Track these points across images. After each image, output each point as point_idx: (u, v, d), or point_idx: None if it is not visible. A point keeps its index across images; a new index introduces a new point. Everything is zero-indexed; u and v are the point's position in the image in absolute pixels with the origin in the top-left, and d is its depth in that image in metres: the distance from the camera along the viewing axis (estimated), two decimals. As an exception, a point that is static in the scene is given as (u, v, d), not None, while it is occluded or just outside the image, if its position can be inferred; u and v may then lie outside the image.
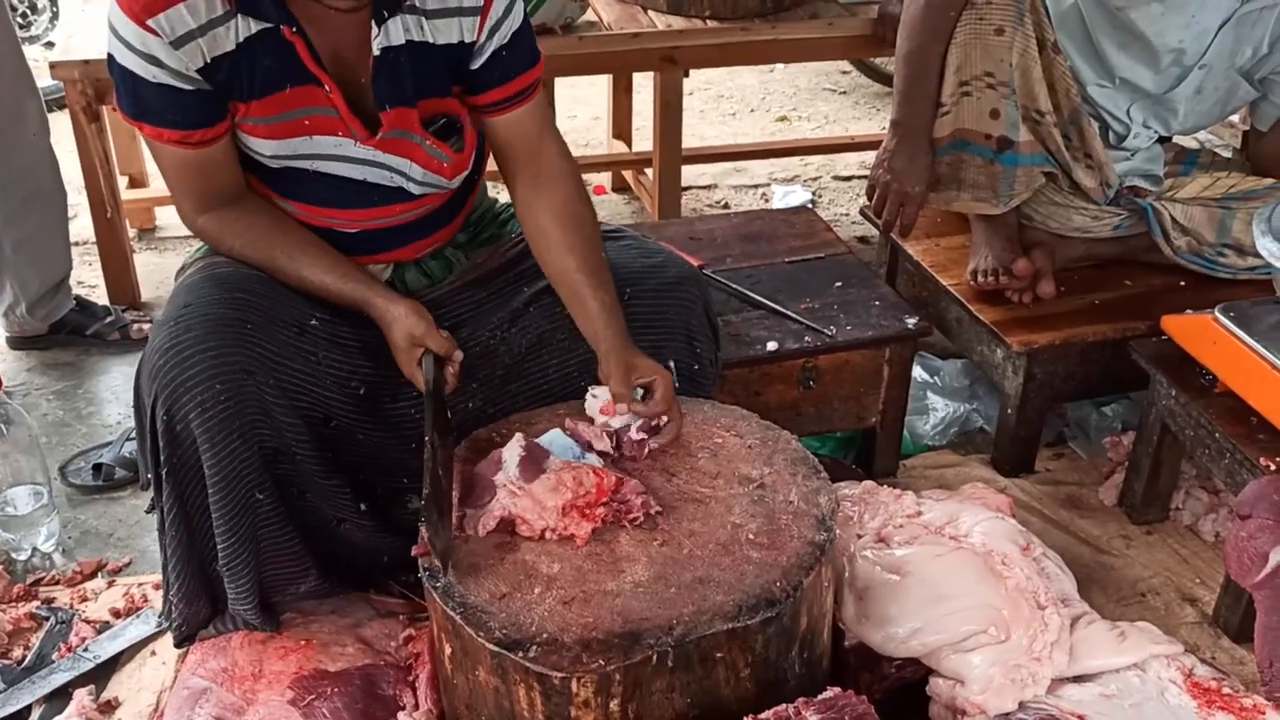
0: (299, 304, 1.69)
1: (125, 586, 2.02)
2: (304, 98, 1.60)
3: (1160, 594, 2.06)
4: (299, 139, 1.63)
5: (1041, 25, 2.13)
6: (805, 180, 3.85)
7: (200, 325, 1.57)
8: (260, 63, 1.57)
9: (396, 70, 1.63)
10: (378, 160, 1.68)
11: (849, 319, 2.18)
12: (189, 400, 1.55)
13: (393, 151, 1.67)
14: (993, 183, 2.23)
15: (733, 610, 1.43)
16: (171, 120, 1.57)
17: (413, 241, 1.82)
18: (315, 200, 1.72)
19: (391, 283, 1.82)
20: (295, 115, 1.61)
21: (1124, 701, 1.52)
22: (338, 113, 1.62)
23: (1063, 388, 2.31)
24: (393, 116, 1.65)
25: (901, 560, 1.70)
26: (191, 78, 1.54)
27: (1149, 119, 2.33)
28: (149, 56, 1.52)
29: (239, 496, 1.60)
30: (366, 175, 1.69)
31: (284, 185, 1.70)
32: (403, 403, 1.77)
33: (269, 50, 1.56)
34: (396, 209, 1.76)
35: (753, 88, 4.80)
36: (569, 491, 1.53)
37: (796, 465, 1.68)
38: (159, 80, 1.54)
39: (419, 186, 1.73)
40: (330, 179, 1.68)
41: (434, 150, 1.70)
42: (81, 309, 2.76)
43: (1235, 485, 1.92)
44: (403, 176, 1.71)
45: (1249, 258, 2.32)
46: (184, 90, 1.55)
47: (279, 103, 1.60)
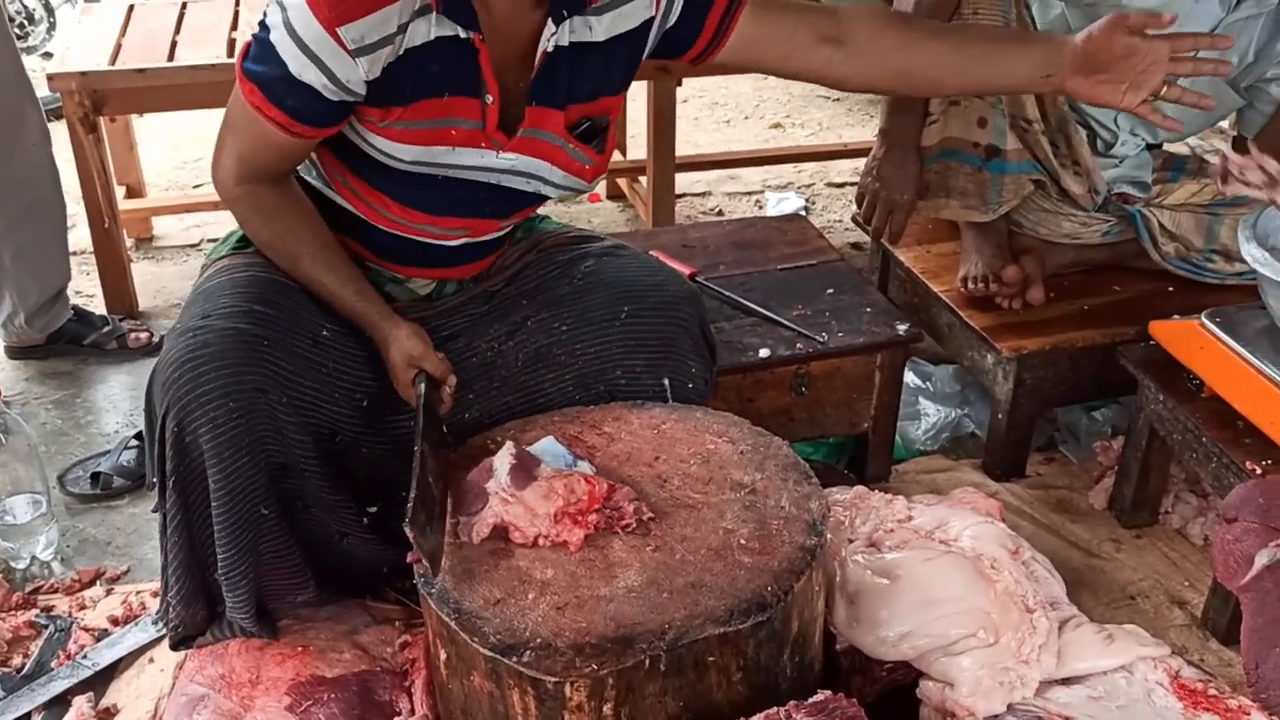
0: (313, 313, 1.69)
1: (123, 594, 2.03)
2: (456, 108, 1.58)
3: (1150, 597, 2.09)
4: (442, 148, 1.60)
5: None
6: (799, 187, 3.87)
7: (217, 340, 1.57)
8: (428, 68, 1.54)
9: (556, 72, 1.61)
10: (517, 169, 1.66)
11: (841, 325, 2.20)
12: (200, 416, 1.55)
13: (531, 153, 1.65)
14: (981, 190, 2.25)
15: (724, 615, 1.45)
16: (290, 107, 1.53)
17: (477, 260, 1.83)
18: (423, 205, 1.68)
19: (431, 296, 1.84)
20: (444, 124, 1.58)
21: (1111, 703, 1.53)
22: (483, 126, 1.60)
23: (1052, 393, 2.33)
24: (536, 114, 1.63)
25: (892, 564, 1.72)
26: (347, 89, 1.52)
27: (1136, 127, 2.35)
28: (315, 58, 1.49)
29: (243, 511, 1.61)
30: (502, 181, 1.68)
31: (392, 185, 1.66)
32: (403, 415, 1.78)
33: (442, 56, 1.54)
34: (498, 224, 1.76)
35: (747, 95, 4.83)
36: (560, 499, 1.55)
37: (788, 471, 1.70)
38: (303, 79, 1.50)
39: (556, 190, 1.72)
40: (457, 185, 1.66)
41: (576, 153, 1.69)
42: (79, 319, 2.77)
43: (1222, 489, 1.94)
44: (541, 181, 1.70)
45: (1236, 263, 2.34)
46: (323, 97, 1.52)
47: (431, 109, 1.57)
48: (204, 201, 3.22)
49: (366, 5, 1.48)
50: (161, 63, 2.67)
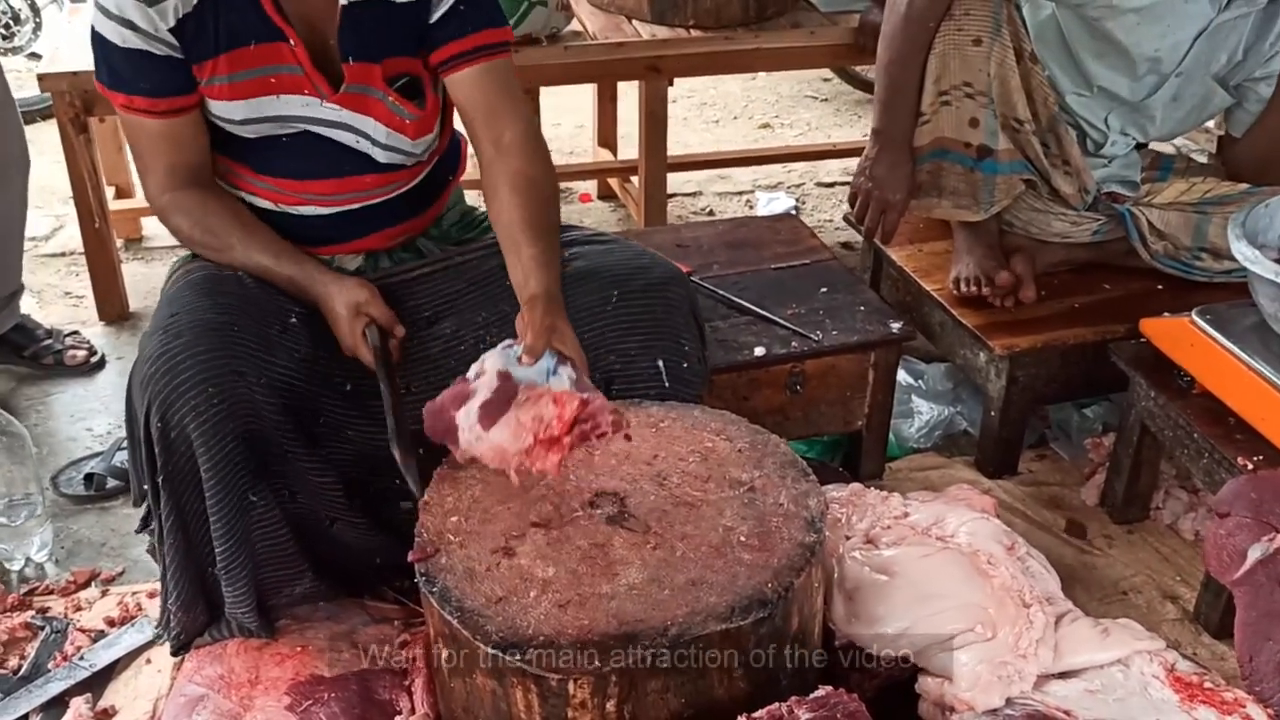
0: (277, 301, 1.72)
1: (119, 595, 2.03)
2: (269, 55, 1.66)
3: (1142, 592, 2.10)
4: (266, 98, 1.68)
5: (1019, 35, 2.17)
6: (789, 187, 3.88)
7: (189, 331, 1.60)
8: (224, 18, 1.63)
9: (361, 25, 1.69)
10: (343, 121, 1.72)
11: (835, 324, 2.21)
12: (182, 405, 1.57)
13: (355, 108, 1.72)
14: (973, 190, 2.27)
15: (726, 611, 1.46)
16: (143, 88, 1.64)
17: (384, 228, 1.85)
18: (288, 172, 1.76)
19: (362, 271, 1.86)
20: (260, 72, 1.66)
21: (1108, 696, 1.55)
22: (302, 70, 1.67)
23: (1044, 390, 2.34)
24: (356, 70, 1.70)
25: (889, 561, 1.73)
26: (163, 40, 1.60)
27: (1126, 126, 2.37)
28: (123, 20, 1.59)
29: (235, 498, 1.63)
30: (335, 136, 1.73)
31: (258, 159, 1.74)
32: None
33: (233, 5, 1.62)
34: (368, 180, 1.79)
35: (735, 95, 4.84)
36: (529, 434, 1.54)
37: (786, 469, 1.71)
38: (130, 45, 1.60)
39: (383, 152, 1.77)
40: (300, 143, 1.73)
41: (396, 106, 1.74)
42: (20, 329, 2.69)
43: (1213, 484, 1.96)
44: (367, 140, 1.75)
45: (1225, 261, 2.36)
46: (155, 56, 1.61)
47: (243, 58, 1.65)
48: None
49: None
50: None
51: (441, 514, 1.63)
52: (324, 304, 1.73)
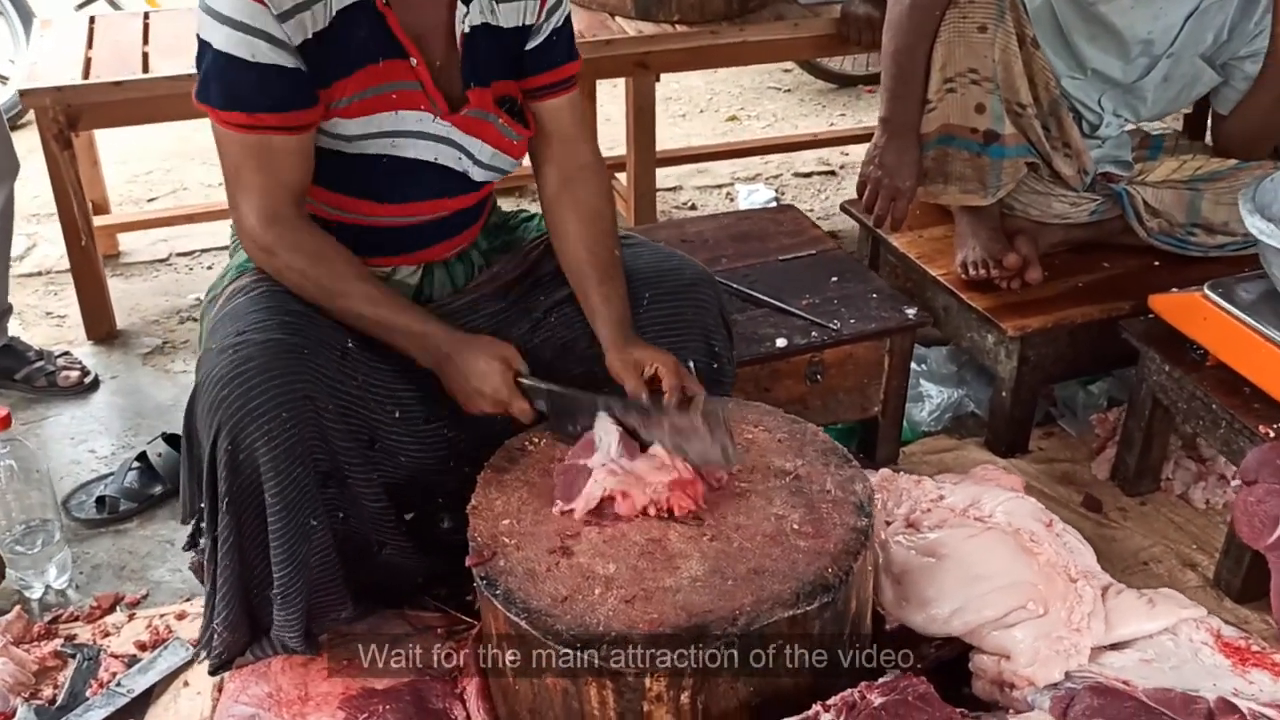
0: (334, 326, 1.69)
1: (146, 619, 1.99)
2: (393, 71, 1.64)
3: (1162, 561, 2.15)
4: (385, 114, 1.65)
5: (1020, 22, 2.21)
6: (767, 178, 3.91)
7: (260, 353, 1.56)
8: (355, 36, 1.60)
9: (476, 51, 1.70)
10: (453, 138, 1.71)
11: (850, 313, 2.23)
12: (255, 430, 1.54)
13: (468, 130, 1.72)
14: (980, 175, 2.30)
15: (791, 598, 1.47)
16: (269, 104, 1.55)
17: (446, 239, 1.84)
18: (378, 194, 1.72)
19: (420, 285, 1.85)
20: (384, 89, 1.64)
21: (1163, 665, 1.58)
22: (422, 86, 1.66)
23: (1053, 369, 2.39)
24: (476, 95, 1.71)
25: (935, 543, 1.75)
26: (295, 52, 1.55)
27: (1119, 108, 2.42)
28: (256, 30, 1.52)
29: (298, 524, 1.60)
30: (438, 155, 1.72)
31: (349, 179, 1.69)
32: (436, 423, 1.78)
33: (361, 23, 1.60)
34: (454, 202, 1.79)
35: (699, 89, 4.85)
36: (674, 471, 1.59)
37: (828, 456, 1.73)
38: (261, 60, 1.53)
39: (482, 171, 1.77)
40: (400, 163, 1.69)
41: (505, 129, 1.76)
42: (9, 351, 2.63)
43: (1232, 453, 2.01)
44: (469, 159, 1.75)
45: (1218, 235, 2.42)
46: (286, 70, 1.55)
47: (371, 76, 1.62)
48: (177, 215, 3.16)
49: None
50: (137, 74, 2.61)
51: (492, 518, 1.63)
52: (460, 359, 1.66)
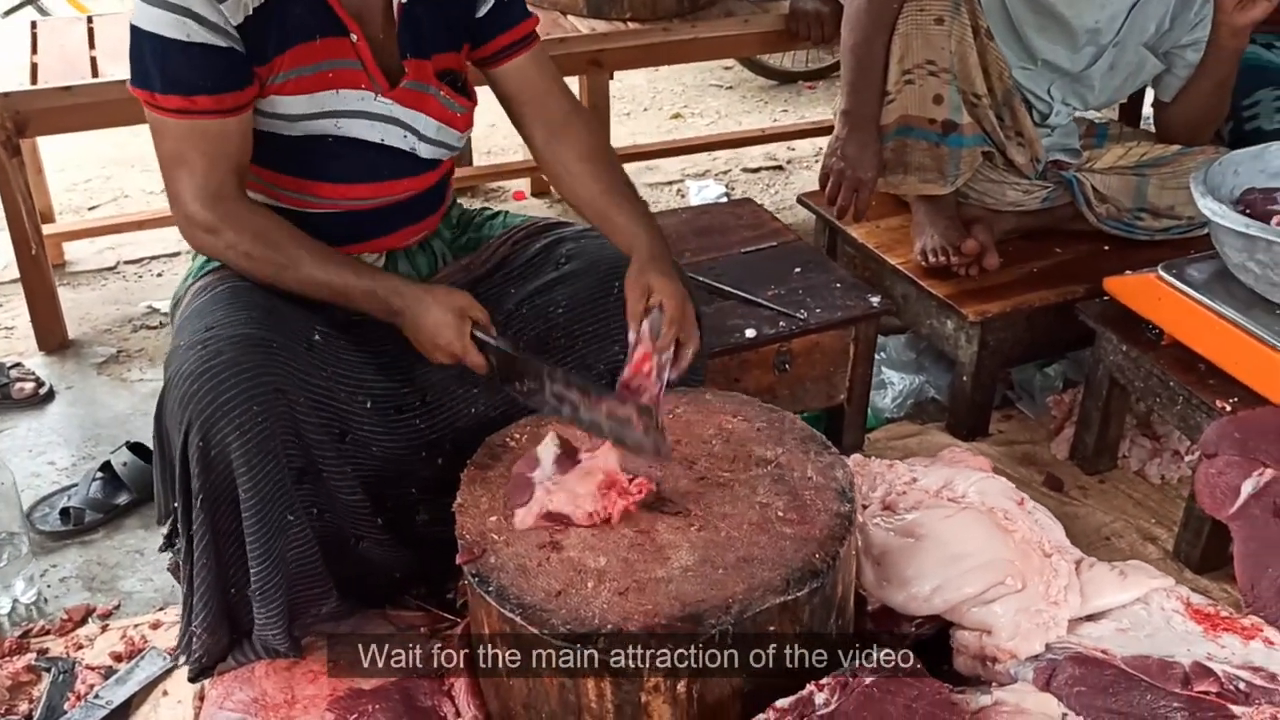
0: (301, 318, 1.68)
1: (120, 630, 1.96)
2: (331, 49, 1.64)
3: (1123, 536, 2.21)
4: (325, 93, 1.65)
5: (975, 14, 2.26)
6: (716, 174, 3.94)
7: (230, 347, 1.55)
8: (291, 12, 1.60)
9: (414, 23, 1.70)
10: (395, 116, 1.71)
11: (815, 302, 2.27)
12: (227, 424, 1.53)
13: (410, 104, 1.72)
14: (939, 164, 2.35)
15: (781, 584, 1.50)
16: (205, 85, 1.55)
17: (405, 226, 1.84)
18: (327, 175, 1.71)
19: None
20: (322, 67, 1.64)
21: (1138, 633, 1.63)
22: (361, 65, 1.66)
23: (1011, 352, 2.44)
24: (413, 67, 1.71)
25: (913, 524, 1.79)
26: (228, 33, 1.54)
27: (1068, 96, 2.48)
28: (186, 11, 1.52)
29: (274, 519, 1.59)
30: (384, 136, 1.72)
31: (296, 162, 1.69)
32: (408, 414, 1.78)
33: (299, 1, 1.60)
34: (404, 184, 1.78)
35: (642, 87, 4.87)
36: (600, 475, 1.60)
37: (807, 443, 1.76)
38: (194, 40, 1.53)
39: (430, 148, 1.77)
40: (346, 145, 1.69)
41: (447, 101, 1.76)
42: None
43: (1189, 428, 2.08)
44: (415, 136, 1.74)
45: (1163, 219, 2.50)
46: (219, 49, 1.55)
47: (308, 53, 1.62)
48: (125, 223, 3.11)
49: None
50: (87, 79, 2.56)
51: (479, 515, 1.63)
52: (415, 311, 1.65)
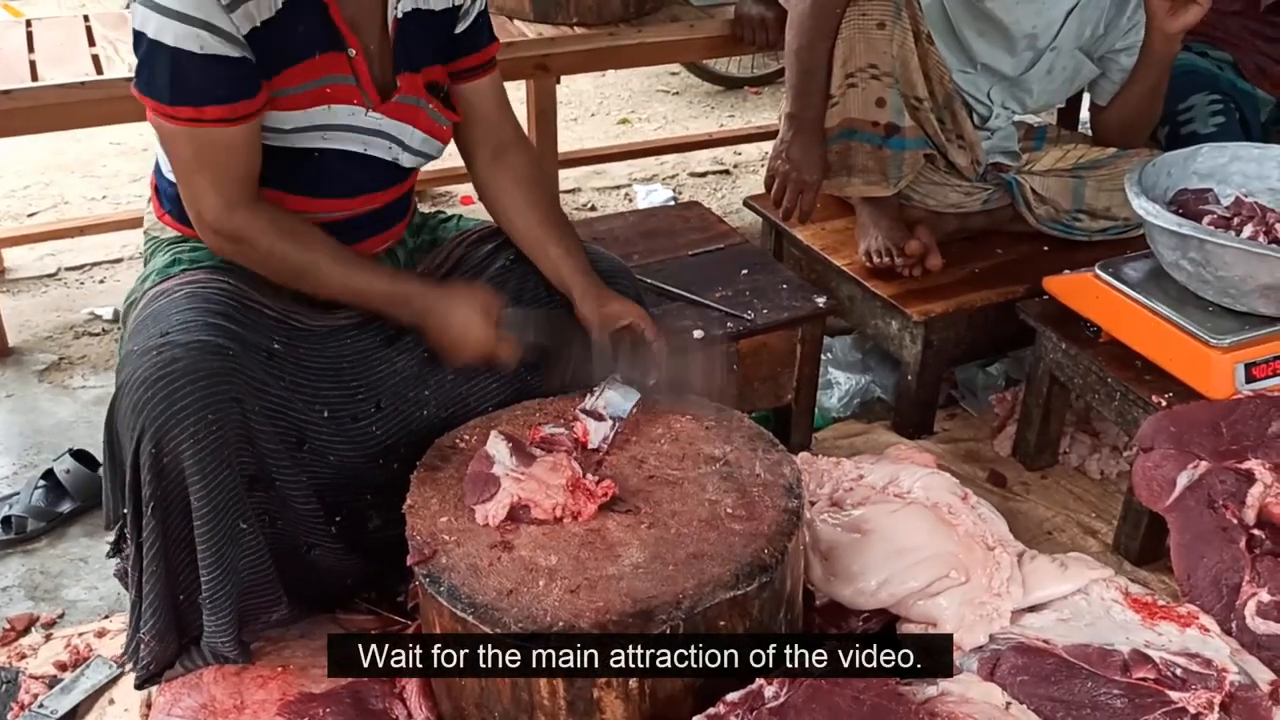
0: (261, 328, 1.68)
1: (65, 638, 1.93)
2: (329, 65, 1.64)
3: (1064, 530, 2.26)
4: (319, 108, 1.65)
5: (916, 19, 2.29)
6: (664, 178, 3.97)
7: (185, 353, 1.54)
8: (296, 28, 1.59)
9: (408, 37, 1.72)
10: (382, 129, 1.72)
11: (763, 303, 2.29)
12: (180, 432, 1.51)
13: (398, 117, 1.73)
14: (882, 167, 2.38)
15: (731, 579, 1.51)
16: (217, 95, 1.55)
17: (374, 235, 1.84)
18: (308, 189, 1.71)
19: None
20: (319, 83, 1.64)
21: (1079, 623, 1.67)
22: (356, 80, 1.67)
23: (955, 352, 2.48)
24: (406, 81, 1.73)
25: (859, 520, 1.82)
26: (240, 43, 1.54)
27: (1007, 100, 2.53)
28: (202, 23, 1.51)
29: (226, 527, 1.58)
30: (368, 147, 1.72)
31: (278, 174, 1.68)
32: (364, 422, 1.78)
33: (303, 15, 1.60)
34: (380, 195, 1.79)
35: (589, 92, 4.89)
36: (569, 470, 1.60)
37: (754, 441, 1.78)
38: (208, 51, 1.52)
39: (412, 157, 1.78)
40: (330, 157, 1.69)
41: (435, 114, 1.78)
42: None
43: (1127, 423, 2.13)
44: (400, 147, 1.76)
45: (1100, 220, 2.55)
46: (232, 60, 1.54)
47: (308, 70, 1.63)
48: (67, 229, 3.06)
49: None
50: (26, 84, 2.52)
51: (429, 516, 1.63)
52: (441, 311, 1.71)
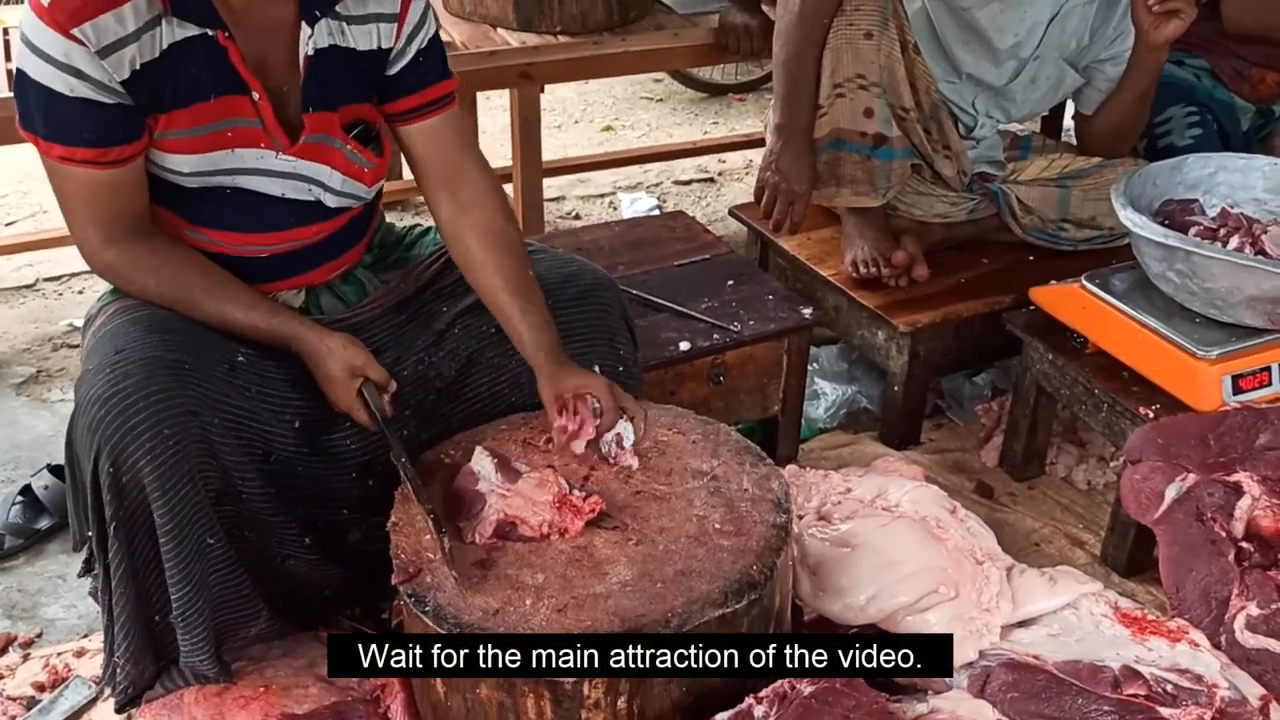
0: (223, 340, 1.66)
1: (43, 658, 1.91)
2: (228, 108, 1.58)
3: (1052, 542, 2.25)
4: (221, 152, 1.60)
5: (903, 29, 2.29)
6: (648, 187, 3.95)
7: (139, 370, 1.52)
8: (186, 71, 1.54)
9: (322, 74, 1.64)
10: (297, 171, 1.66)
11: (749, 314, 2.28)
12: (137, 449, 1.49)
13: (313, 158, 1.67)
14: (870, 177, 2.38)
15: (720, 597, 1.50)
16: (87, 138, 1.51)
17: (324, 263, 1.81)
18: (230, 225, 1.68)
19: (306, 308, 1.81)
20: (218, 127, 1.58)
21: (1069, 638, 1.66)
22: (262, 124, 1.61)
23: (941, 362, 2.48)
24: (315, 120, 1.65)
25: (848, 534, 1.81)
26: (114, 90, 1.50)
27: (991, 109, 2.53)
28: (70, 68, 1.47)
29: (192, 543, 1.56)
30: (285, 190, 1.67)
31: (197, 211, 1.66)
32: (337, 434, 1.76)
33: (196, 58, 1.54)
34: (312, 229, 1.74)
35: (572, 100, 4.87)
36: (555, 486, 1.58)
37: (742, 455, 1.76)
38: (77, 94, 1.48)
39: (336, 198, 1.72)
40: (247, 197, 1.65)
41: (354, 155, 1.71)
42: None
43: (1114, 435, 2.12)
44: (321, 188, 1.70)
45: (1085, 230, 2.55)
46: (104, 105, 1.50)
47: (202, 113, 1.57)
48: (45, 239, 3.03)
49: (98, 4, 1.47)
50: (2, 93, 2.49)
51: (414, 534, 1.61)
52: (313, 362, 1.67)
